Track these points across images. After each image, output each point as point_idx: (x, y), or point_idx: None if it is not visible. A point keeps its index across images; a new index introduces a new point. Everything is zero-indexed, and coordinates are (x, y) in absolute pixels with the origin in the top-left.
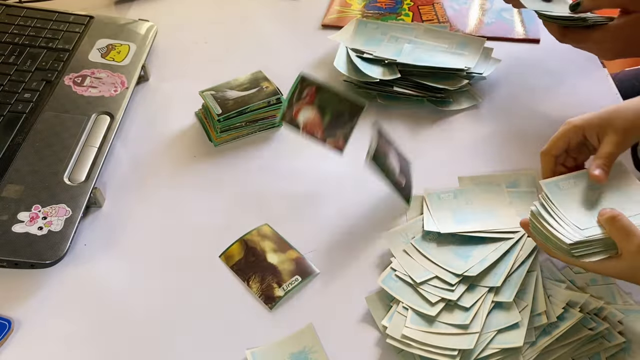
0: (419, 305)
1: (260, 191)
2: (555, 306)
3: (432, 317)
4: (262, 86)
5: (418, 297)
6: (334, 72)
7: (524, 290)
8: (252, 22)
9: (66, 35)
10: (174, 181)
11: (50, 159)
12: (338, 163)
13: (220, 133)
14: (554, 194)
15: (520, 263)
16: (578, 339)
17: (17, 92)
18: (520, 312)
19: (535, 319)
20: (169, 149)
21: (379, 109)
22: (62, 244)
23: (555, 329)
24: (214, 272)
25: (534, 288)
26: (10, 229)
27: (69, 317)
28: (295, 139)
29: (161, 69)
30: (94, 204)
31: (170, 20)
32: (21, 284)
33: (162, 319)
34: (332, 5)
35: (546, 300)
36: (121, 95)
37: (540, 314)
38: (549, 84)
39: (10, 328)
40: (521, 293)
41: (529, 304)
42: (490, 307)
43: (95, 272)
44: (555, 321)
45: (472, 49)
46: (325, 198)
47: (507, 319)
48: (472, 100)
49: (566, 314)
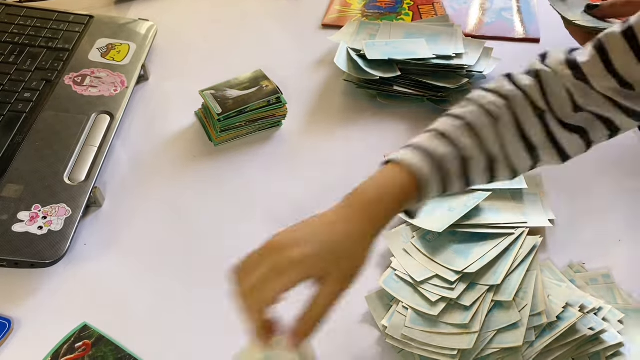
0: (419, 305)
1: (260, 190)
2: (554, 305)
3: (433, 317)
4: (262, 85)
5: (418, 297)
6: (334, 71)
7: (523, 290)
8: (252, 21)
9: (66, 35)
10: (174, 181)
11: (50, 158)
12: (338, 164)
13: (220, 132)
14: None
15: (520, 261)
16: (578, 339)
17: (17, 91)
18: (520, 311)
19: (534, 319)
20: (169, 149)
21: (378, 108)
22: (62, 244)
23: (555, 328)
24: (214, 271)
25: (533, 287)
26: (10, 228)
27: (68, 317)
28: (296, 139)
29: (161, 68)
30: (93, 204)
31: (171, 19)
32: (21, 283)
33: (162, 318)
34: (332, 5)
35: (546, 300)
36: (121, 94)
37: (540, 314)
38: None
39: (10, 328)
40: (521, 292)
41: (528, 304)
42: (490, 306)
43: (95, 272)
44: (555, 321)
45: (472, 48)
46: (326, 197)
47: (506, 319)
48: None
49: (566, 313)
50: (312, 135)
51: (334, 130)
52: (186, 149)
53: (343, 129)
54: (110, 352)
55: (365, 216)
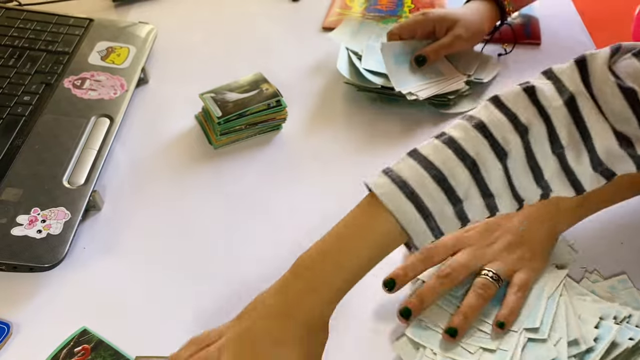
0: (458, 354)
1: (260, 194)
2: (588, 325)
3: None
4: (262, 88)
5: (456, 345)
6: (334, 74)
7: (555, 319)
8: (252, 24)
9: (66, 38)
10: (174, 184)
11: (50, 161)
12: (338, 167)
13: (220, 136)
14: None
15: (549, 295)
16: (621, 354)
17: (17, 94)
18: (555, 345)
19: (572, 349)
20: (168, 152)
21: (379, 111)
22: (61, 247)
23: (596, 348)
24: (214, 275)
25: (565, 315)
26: (9, 232)
27: (68, 321)
28: (296, 142)
29: (161, 71)
30: (93, 207)
31: (170, 22)
32: (20, 287)
33: (162, 322)
34: (332, 8)
35: (579, 324)
36: (121, 98)
37: (576, 341)
38: None
39: (9, 332)
40: (553, 323)
41: (563, 337)
42: (524, 345)
43: (94, 275)
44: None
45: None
46: (325, 200)
47: (545, 354)
48: (472, 103)
49: (601, 329)
50: (312, 138)
51: (334, 133)
52: (186, 152)
53: (343, 132)
54: (110, 356)
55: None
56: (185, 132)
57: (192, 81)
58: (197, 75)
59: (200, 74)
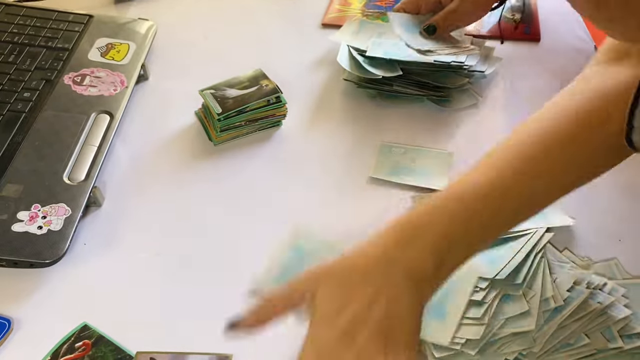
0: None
1: (260, 190)
2: (562, 288)
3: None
4: (262, 84)
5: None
6: (334, 70)
7: (532, 278)
8: (252, 20)
9: (66, 35)
10: (174, 180)
11: (50, 158)
12: (338, 163)
13: (220, 132)
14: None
15: (536, 257)
16: (588, 314)
17: (17, 91)
18: (529, 300)
19: (544, 304)
20: (168, 148)
21: (379, 107)
22: (61, 244)
23: (565, 307)
24: (214, 270)
25: (542, 275)
26: (9, 228)
27: (68, 317)
28: (295, 139)
29: (161, 67)
30: (93, 203)
31: (170, 19)
32: (20, 283)
33: (162, 318)
34: (332, 4)
35: (553, 285)
36: (121, 94)
37: (548, 299)
38: (549, 83)
39: (10, 328)
40: (529, 281)
41: (537, 293)
42: (498, 299)
43: (95, 271)
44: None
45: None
46: (325, 197)
47: (517, 308)
48: (472, 99)
49: (573, 292)
50: (311, 134)
51: (333, 130)
52: (186, 148)
53: (343, 129)
54: (110, 352)
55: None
56: (185, 129)
57: (192, 77)
58: (197, 72)
59: (200, 70)
